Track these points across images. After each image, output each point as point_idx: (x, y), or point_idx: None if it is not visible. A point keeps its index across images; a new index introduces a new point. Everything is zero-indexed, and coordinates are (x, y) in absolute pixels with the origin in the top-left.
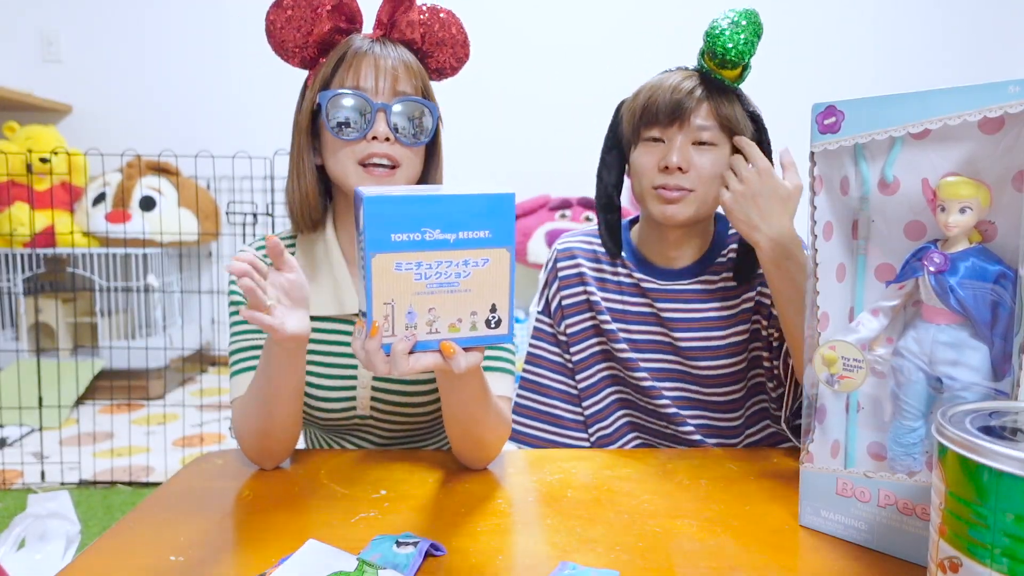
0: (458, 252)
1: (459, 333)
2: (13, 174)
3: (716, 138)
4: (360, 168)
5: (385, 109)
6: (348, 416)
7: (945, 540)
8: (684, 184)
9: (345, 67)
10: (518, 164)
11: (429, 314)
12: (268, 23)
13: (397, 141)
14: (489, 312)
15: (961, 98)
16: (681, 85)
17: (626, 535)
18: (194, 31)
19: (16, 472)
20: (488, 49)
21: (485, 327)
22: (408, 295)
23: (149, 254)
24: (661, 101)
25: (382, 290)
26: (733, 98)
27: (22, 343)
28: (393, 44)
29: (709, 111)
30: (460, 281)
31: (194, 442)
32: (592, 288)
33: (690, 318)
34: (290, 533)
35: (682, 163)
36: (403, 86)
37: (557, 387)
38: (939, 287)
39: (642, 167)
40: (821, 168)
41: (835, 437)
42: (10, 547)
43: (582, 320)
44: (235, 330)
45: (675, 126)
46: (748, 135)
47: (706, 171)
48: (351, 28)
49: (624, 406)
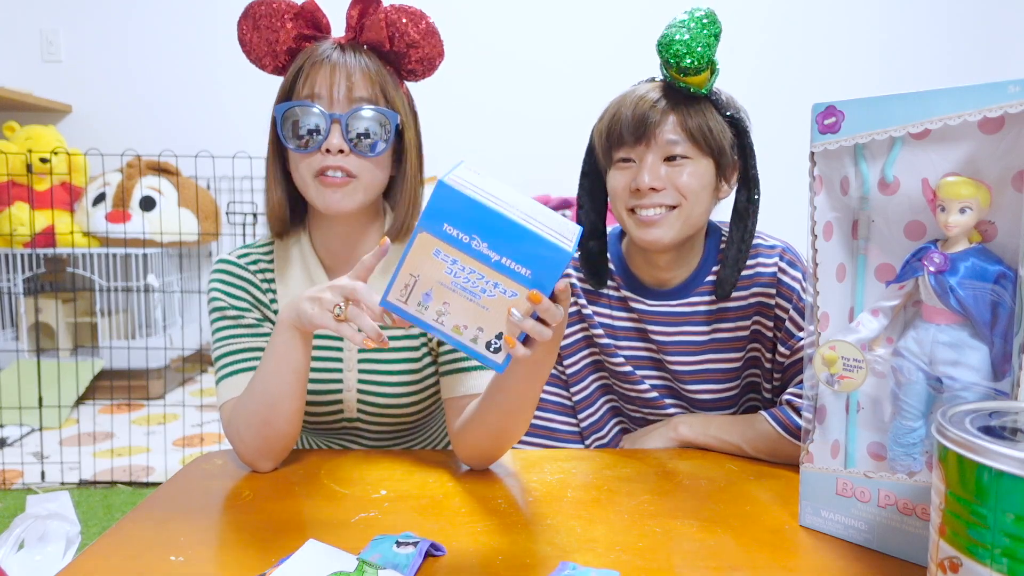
0: (494, 273)
1: (460, 337)
2: (13, 174)
3: (689, 151)
4: (316, 180)
5: (339, 119)
6: (336, 419)
7: (945, 540)
8: (665, 200)
9: (303, 77)
10: (521, 165)
11: (442, 306)
12: (239, 33)
13: (352, 152)
14: (494, 337)
15: (961, 98)
16: (644, 99)
17: (626, 535)
18: (194, 31)
19: (16, 472)
20: (492, 55)
21: (484, 347)
22: (433, 280)
23: (149, 254)
24: (624, 120)
25: (414, 263)
26: (706, 106)
27: (22, 343)
28: (356, 51)
29: (676, 124)
30: (483, 296)
31: (194, 442)
32: (583, 301)
33: (680, 341)
34: (290, 533)
35: (654, 182)
36: (360, 93)
37: (552, 399)
38: (939, 287)
39: (615, 191)
40: (821, 168)
41: (835, 437)
42: (10, 548)
43: (574, 332)
44: (220, 336)
45: (642, 144)
46: (726, 143)
47: (684, 185)
48: (316, 34)
49: (618, 414)
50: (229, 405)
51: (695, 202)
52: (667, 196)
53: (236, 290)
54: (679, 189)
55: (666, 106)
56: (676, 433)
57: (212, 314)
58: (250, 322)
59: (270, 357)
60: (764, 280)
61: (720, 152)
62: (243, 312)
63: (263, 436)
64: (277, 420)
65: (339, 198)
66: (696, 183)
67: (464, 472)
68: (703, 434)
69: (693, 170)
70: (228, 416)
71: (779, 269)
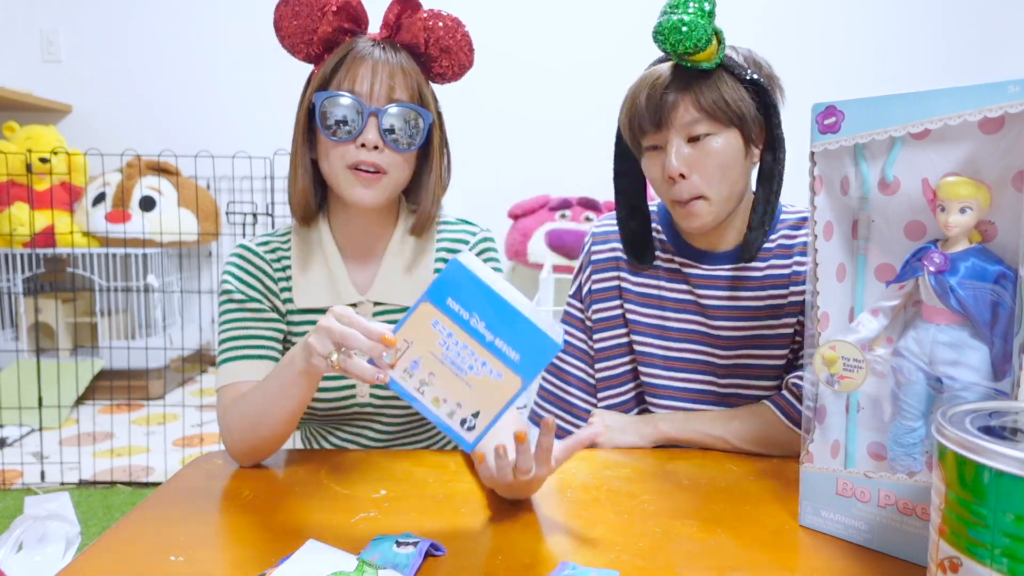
0: (485, 352)
1: (437, 409)
2: (13, 174)
3: (710, 128)
4: (348, 171)
5: (377, 114)
6: (348, 404)
7: (945, 540)
8: (693, 193)
9: (344, 69)
10: (521, 165)
11: (428, 376)
12: (276, 17)
13: (387, 147)
14: (471, 415)
15: (961, 98)
16: (656, 84)
17: (626, 535)
18: (194, 31)
19: (16, 472)
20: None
21: (459, 424)
22: (425, 349)
23: (149, 254)
24: (640, 108)
25: (411, 329)
26: (720, 77)
27: (22, 343)
28: (395, 48)
29: (691, 103)
30: (469, 373)
31: (194, 442)
32: (626, 273)
33: (733, 306)
34: (290, 533)
35: (682, 168)
36: (398, 92)
37: (577, 374)
38: (939, 287)
39: (653, 181)
40: (821, 168)
41: (835, 437)
42: (10, 549)
43: (610, 308)
44: (225, 319)
45: (664, 130)
46: (748, 109)
47: (710, 168)
48: (356, 29)
49: (641, 403)
50: (227, 390)
51: (722, 182)
52: (693, 187)
53: (249, 276)
54: (704, 175)
55: (678, 87)
56: (656, 430)
57: (221, 296)
58: (256, 308)
59: (276, 381)
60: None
61: (742, 120)
62: (251, 299)
63: (253, 445)
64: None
65: (368, 192)
66: (722, 160)
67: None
68: (685, 429)
69: (719, 146)
70: (225, 402)
71: None
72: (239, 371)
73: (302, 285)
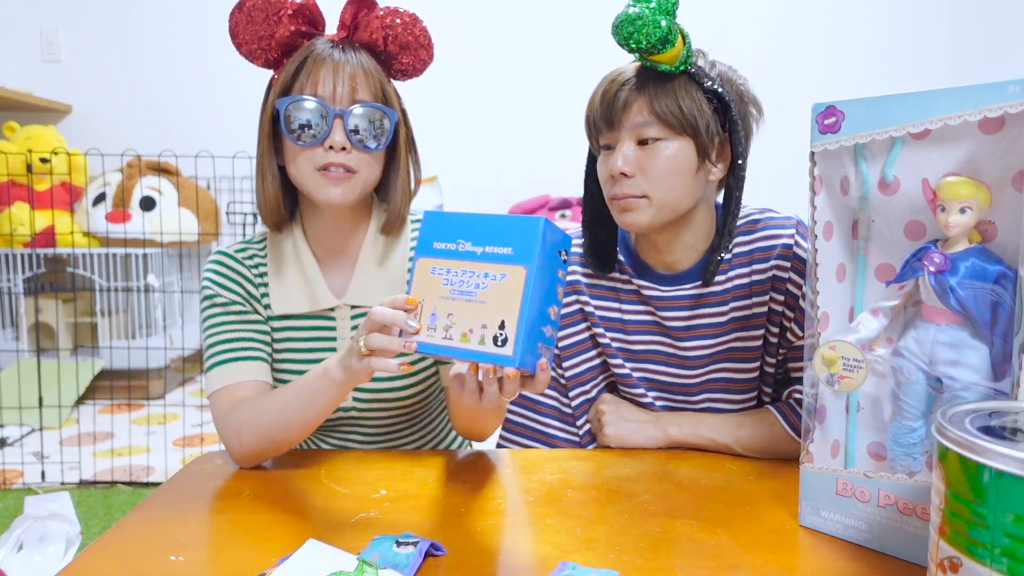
0: (482, 264)
1: (469, 344)
2: (13, 174)
3: (661, 133)
4: (317, 173)
5: (342, 115)
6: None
7: (945, 540)
8: (633, 191)
9: (305, 73)
10: (521, 165)
11: (448, 319)
12: (231, 24)
13: (354, 148)
14: (498, 328)
15: (961, 98)
16: (614, 83)
17: (626, 535)
18: (194, 31)
19: (16, 472)
20: (492, 55)
21: (492, 344)
22: (435, 298)
23: (149, 254)
24: (596, 106)
25: (418, 288)
26: (681, 83)
27: (22, 343)
28: (354, 49)
29: (644, 106)
30: (478, 292)
31: (194, 442)
32: (586, 298)
33: (698, 324)
34: (290, 533)
35: (625, 167)
36: (361, 92)
37: (550, 403)
38: (939, 287)
39: (601, 180)
40: (821, 168)
41: (835, 437)
42: (10, 549)
43: (577, 332)
44: (210, 323)
45: (616, 129)
46: (704, 121)
47: (655, 171)
48: (313, 31)
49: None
50: (222, 393)
51: (667, 188)
52: (636, 184)
53: (229, 282)
54: (649, 177)
55: (635, 88)
56: (664, 434)
57: (203, 303)
58: (240, 311)
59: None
60: (779, 252)
61: (695, 131)
62: (234, 303)
63: (263, 449)
64: (285, 442)
65: (339, 190)
66: (669, 166)
67: (464, 472)
68: (694, 434)
69: (669, 152)
70: (224, 406)
71: (795, 242)
72: (234, 373)
73: (278, 292)
